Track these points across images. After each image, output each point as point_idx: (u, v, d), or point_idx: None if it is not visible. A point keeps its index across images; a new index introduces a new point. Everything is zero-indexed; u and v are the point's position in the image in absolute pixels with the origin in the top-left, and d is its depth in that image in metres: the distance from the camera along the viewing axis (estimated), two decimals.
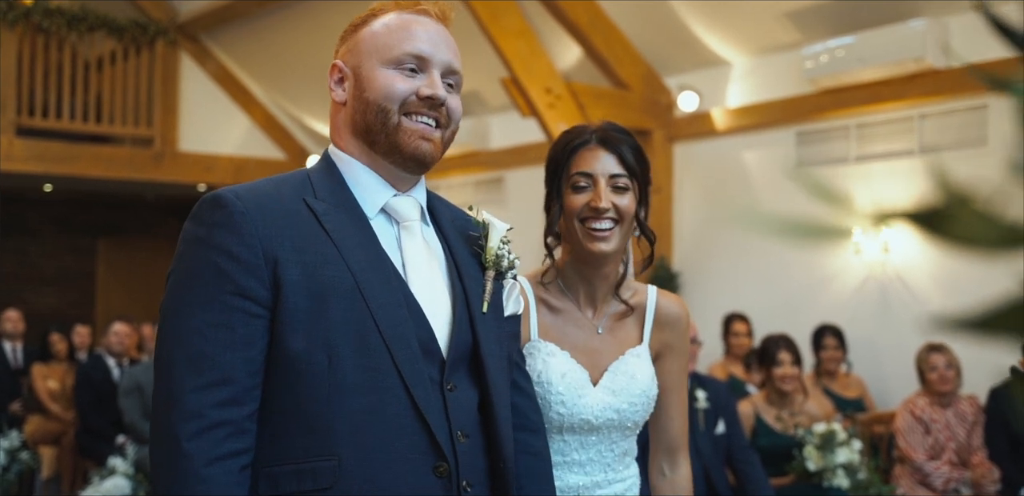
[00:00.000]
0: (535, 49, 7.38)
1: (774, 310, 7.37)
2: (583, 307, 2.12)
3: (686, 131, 8.12)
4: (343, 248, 1.61)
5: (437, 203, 1.85)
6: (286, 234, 1.59)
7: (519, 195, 9.50)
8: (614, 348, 2.10)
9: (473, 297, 1.73)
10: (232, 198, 1.59)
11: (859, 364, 6.74)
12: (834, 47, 6.84)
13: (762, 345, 5.42)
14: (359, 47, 1.73)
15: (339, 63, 1.75)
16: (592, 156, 2.07)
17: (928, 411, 5.53)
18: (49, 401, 8.08)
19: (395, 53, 1.70)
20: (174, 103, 11.17)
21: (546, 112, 7.32)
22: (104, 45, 10.80)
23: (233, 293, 1.54)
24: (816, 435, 4.93)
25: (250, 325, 1.54)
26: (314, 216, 1.63)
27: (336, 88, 1.74)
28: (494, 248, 1.79)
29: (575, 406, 2.00)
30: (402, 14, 1.74)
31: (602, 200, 2.03)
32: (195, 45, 11.29)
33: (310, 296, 1.56)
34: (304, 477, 1.53)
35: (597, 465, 2.03)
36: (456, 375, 1.67)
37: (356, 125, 1.72)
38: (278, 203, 1.62)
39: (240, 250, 1.55)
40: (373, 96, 1.69)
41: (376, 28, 1.73)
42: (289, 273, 1.56)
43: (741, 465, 4.62)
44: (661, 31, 7.86)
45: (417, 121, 1.69)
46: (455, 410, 1.64)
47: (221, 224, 1.57)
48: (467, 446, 1.64)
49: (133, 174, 10.56)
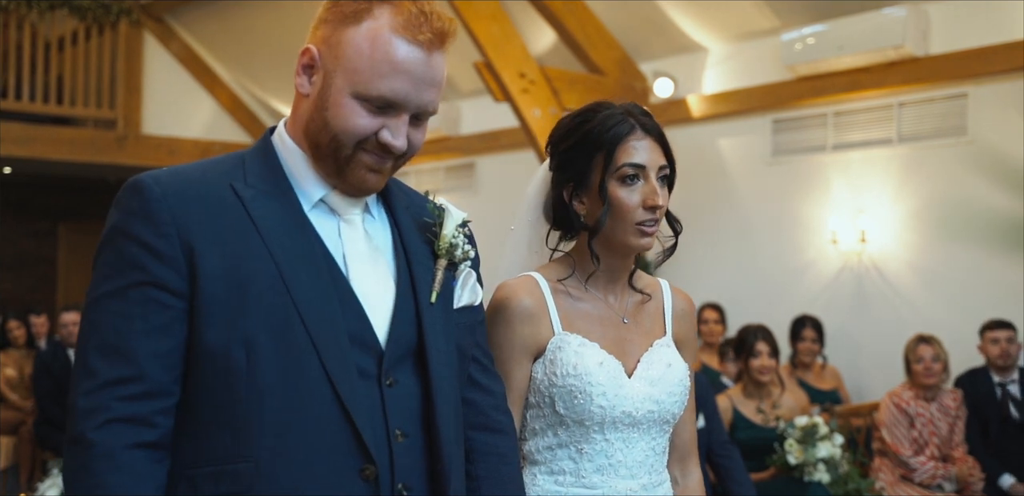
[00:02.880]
0: (509, 33, 7.26)
1: (749, 300, 7.31)
2: (607, 297, 2.01)
3: (661, 118, 7.90)
4: (268, 238, 1.53)
5: (394, 188, 1.74)
6: (206, 223, 1.51)
7: (490, 181, 9.39)
8: (642, 338, 2.00)
9: (421, 287, 1.63)
10: (150, 183, 1.52)
11: (834, 355, 6.69)
12: (812, 34, 6.77)
13: (739, 335, 5.34)
14: (338, 52, 1.55)
15: (313, 51, 1.58)
16: (642, 146, 1.92)
17: (913, 404, 5.49)
18: (7, 390, 7.90)
19: (370, 90, 1.53)
20: (137, 85, 10.96)
21: (519, 97, 7.21)
22: (65, 25, 10.55)
23: (147, 284, 1.48)
24: (798, 428, 4.86)
25: (165, 317, 1.48)
26: (240, 203, 1.54)
27: (303, 75, 1.59)
28: (448, 236, 1.69)
29: (616, 397, 1.89)
30: (393, 34, 1.54)
31: (660, 197, 1.91)
32: (159, 25, 11.08)
33: (229, 288, 1.49)
34: (222, 480, 1.47)
35: (643, 467, 1.94)
36: (398, 370, 1.57)
37: (309, 132, 1.60)
38: (201, 189, 1.54)
39: (155, 240, 1.49)
40: (332, 123, 1.55)
41: (361, 41, 1.54)
42: (207, 264, 1.49)
43: (722, 460, 4.54)
44: (637, 16, 7.76)
45: (371, 154, 1.58)
46: (393, 407, 1.55)
47: (136, 212, 1.50)
48: (405, 446, 1.55)
49: (95, 157, 10.35)
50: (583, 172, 1.94)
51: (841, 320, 6.83)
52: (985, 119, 6.30)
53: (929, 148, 6.57)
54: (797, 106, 7.22)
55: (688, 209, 7.92)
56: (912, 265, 6.61)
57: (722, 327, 7.06)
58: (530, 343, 1.92)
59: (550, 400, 1.90)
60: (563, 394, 1.88)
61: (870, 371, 6.72)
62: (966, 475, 5.31)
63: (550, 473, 1.92)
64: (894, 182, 6.73)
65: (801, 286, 7.15)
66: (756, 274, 7.43)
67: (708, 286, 7.59)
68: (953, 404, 5.53)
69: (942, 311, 6.37)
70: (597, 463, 1.90)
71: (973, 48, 6.24)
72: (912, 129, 6.65)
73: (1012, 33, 6.07)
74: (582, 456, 1.90)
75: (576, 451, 1.90)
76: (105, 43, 10.70)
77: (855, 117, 6.95)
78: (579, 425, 1.90)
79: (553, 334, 1.93)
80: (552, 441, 1.92)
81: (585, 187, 1.94)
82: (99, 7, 10.56)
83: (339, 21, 1.57)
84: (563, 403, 1.89)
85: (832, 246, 6.95)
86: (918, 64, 6.47)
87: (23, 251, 12.68)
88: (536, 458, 1.93)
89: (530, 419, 1.94)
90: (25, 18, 10.22)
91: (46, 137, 10.03)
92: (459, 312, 1.70)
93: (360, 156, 1.57)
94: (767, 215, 7.40)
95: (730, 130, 7.70)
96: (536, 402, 1.92)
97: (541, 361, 1.92)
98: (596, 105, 1.98)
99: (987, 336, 5.63)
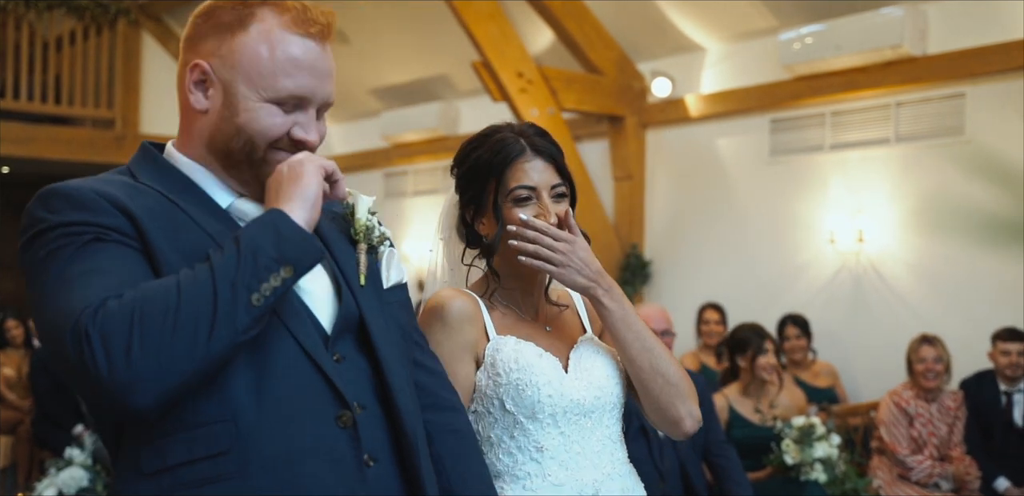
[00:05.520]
0: (507, 32, 7.27)
1: (747, 299, 7.31)
2: (526, 314, 2.07)
3: (659, 117, 8.02)
4: (198, 218, 1.53)
5: None
6: (135, 206, 1.48)
7: None
8: (567, 340, 2.07)
9: (349, 272, 1.65)
10: (68, 186, 1.50)
11: (832, 355, 6.70)
12: (810, 34, 6.77)
13: (736, 334, 5.34)
14: (234, 61, 1.56)
15: (204, 66, 1.57)
16: (532, 167, 1.98)
17: (914, 404, 5.49)
18: (5, 389, 7.90)
19: (278, 91, 1.55)
20: (136, 84, 10.96)
21: (517, 97, 7.22)
22: (64, 24, 10.54)
23: (97, 238, 1.43)
24: (795, 428, 4.87)
25: (129, 256, 1.44)
26: (160, 194, 1.54)
27: (196, 91, 1.58)
28: (363, 220, 1.71)
29: (561, 387, 1.93)
30: (285, 32, 1.56)
31: (551, 214, 1.97)
32: (157, 25, 11.08)
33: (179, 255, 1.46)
34: (196, 444, 1.44)
35: (602, 455, 1.97)
36: (342, 345, 1.58)
37: (215, 143, 1.59)
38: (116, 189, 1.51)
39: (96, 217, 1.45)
40: (245, 128, 1.56)
41: (256, 45, 1.55)
42: (152, 235, 1.47)
43: (718, 460, 4.53)
44: (635, 16, 7.76)
45: (284, 152, 1.59)
46: (343, 380, 1.54)
47: (66, 207, 1.46)
48: (365, 417, 1.55)
49: (93, 156, 10.32)
50: (479, 195, 2.01)
51: (838, 320, 6.84)
52: (983, 119, 6.30)
53: (927, 148, 6.58)
54: (795, 106, 7.22)
55: (686, 209, 7.94)
56: (910, 264, 6.61)
57: (723, 327, 7.05)
58: (471, 342, 1.96)
59: (499, 402, 1.93)
60: (510, 390, 1.92)
61: (867, 371, 6.73)
62: (963, 474, 5.31)
63: (515, 479, 1.92)
64: (892, 182, 6.73)
65: (798, 286, 7.15)
66: (753, 274, 7.43)
67: (705, 286, 7.60)
68: (953, 405, 5.52)
69: (940, 310, 6.38)
70: (559, 459, 1.92)
71: (971, 48, 6.24)
72: (910, 129, 6.65)
73: (1010, 33, 6.07)
74: (543, 454, 1.92)
75: (536, 450, 1.92)
76: (103, 43, 10.69)
77: (853, 117, 6.96)
78: (533, 420, 1.92)
79: (488, 340, 1.97)
80: (511, 446, 1.93)
81: (482, 210, 2.02)
82: (97, 7, 10.54)
83: (222, 31, 1.58)
84: (512, 400, 1.92)
85: (830, 246, 6.95)
86: (916, 64, 6.47)
87: None
88: (499, 468, 1.93)
89: (483, 429, 1.95)
90: (23, 18, 10.21)
91: (44, 137, 10.02)
92: (390, 291, 1.73)
93: (273, 156, 1.58)
94: (765, 215, 7.41)
95: (728, 130, 7.70)
96: (485, 409, 1.95)
97: (483, 368, 1.95)
98: (490, 129, 2.05)
99: (999, 346, 5.58)
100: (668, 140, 8.10)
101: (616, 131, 8.09)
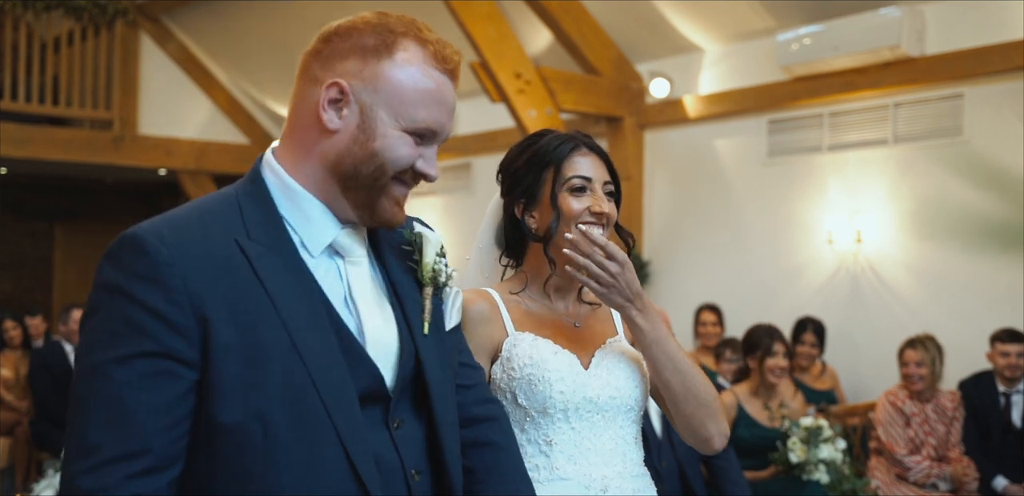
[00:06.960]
0: (505, 33, 7.26)
1: (744, 300, 7.31)
2: (558, 306, 2.12)
3: (657, 118, 8.03)
4: (279, 301, 1.47)
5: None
6: (218, 288, 1.44)
7: (487, 182, 9.37)
8: (596, 338, 2.10)
9: (414, 319, 1.63)
10: (155, 244, 1.43)
11: (830, 355, 6.70)
12: (808, 34, 6.77)
13: (750, 335, 5.37)
14: (377, 85, 1.53)
15: (344, 85, 1.52)
16: (588, 161, 2.07)
17: (908, 404, 5.50)
18: (3, 390, 7.89)
19: (416, 122, 1.55)
20: (134, 85, 10.95)
21: (515, 97, 7.22)
22: (61, 25, 10.53)
23: (157, 354, 1.40)
24: (802, 428, 4.91)
25: (176, 389, 1.41)
26: (248, 262, 1.48)
27: (330, 109, 1.53)
28: (430, 264, 1.69)
29: (575, 384, 1.98)
30: (430, 70, 1.56)
31: (604, 205, 2.04)
32: (155, 26, 11.07)
33: (244, 362, 1.43)
34: None
35: (614, 454, 2.00)
36: (400, 409, 1.58)
37: (342, 166, 1.55)
38: (207, 248, 1.46)
39: (165, 307, 1.40)
40: (379, 154, 1.54)
41: (401, 74, 1.54)
42: (221, 335, 1.42)
43: (717, 461, 4.54)
44: (633, 16, 7.76)
45: (402, 186, 1.60)
46: (405, 448, 1.56)
47: (143, 275, 1.42)
48: (420, 484, 1.56)
49: (92, 158, 10.32)
50: (533, 187, 2.07)
51: (837, 320, 6.84)
52: (981, 120, 6.31)
53: (925, 149, 6.58)
54: (793, 107, 7.23)
55: (684, 209, 7.94)
56: (907, 265, 6.61)
57: (720, 329, 7.05)
58: (486, 343, 2.00)
59: (512, 395, 1.98)
60: (523, 385, 1.96)
61: (866, 371, 6.73)
62: (960, 475, 5.32)
63: None
64: (890, 182, 6.74)
65: (797, 286, 7.16)
66: (751, 274, 7.43)
67: (703, 286, 7.60)
68: (950, 405, 5.53)
69: (937, 311, 6.38)
70: (567, 453, 1.96)
71: (969, 49, 6.25)
72: (908, 130, 6.66)
73: (1008, 34, 6.08)
74: (552, 448, 1.96)
75: (545, 444, 1.96)
76: (101, 44, 10.68)
77: (851, 118, 6.96)
78: (544, 415, 1.96)
79: (507, 335, 2.02)
80: (521, 438, 1.97)
81: (536, 201, 2.07)
82: (95, 7, 10.53)
83: (365, 54, 1.54)
84: (524, 394, 1.96)
85: (828, 246, 6.95)
86: (914, 65, 6.48)
87: (19, 252, 12.65)
88: None
89: None
90: (21, 18, 10.21)
91: (42, 138, 10.01)
92: (448, 335, 1.71)
93: (392, 189, 1.58)
94: (763, 216, 7.41)
95: (726, 131, 7.71)
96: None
97: (498, 362, 2.00)
98: (542, 131, 2.14)
99: (998, 347, 5.58)
100: (666, 141, 8.10)
101: (614, 132, 8.09)
